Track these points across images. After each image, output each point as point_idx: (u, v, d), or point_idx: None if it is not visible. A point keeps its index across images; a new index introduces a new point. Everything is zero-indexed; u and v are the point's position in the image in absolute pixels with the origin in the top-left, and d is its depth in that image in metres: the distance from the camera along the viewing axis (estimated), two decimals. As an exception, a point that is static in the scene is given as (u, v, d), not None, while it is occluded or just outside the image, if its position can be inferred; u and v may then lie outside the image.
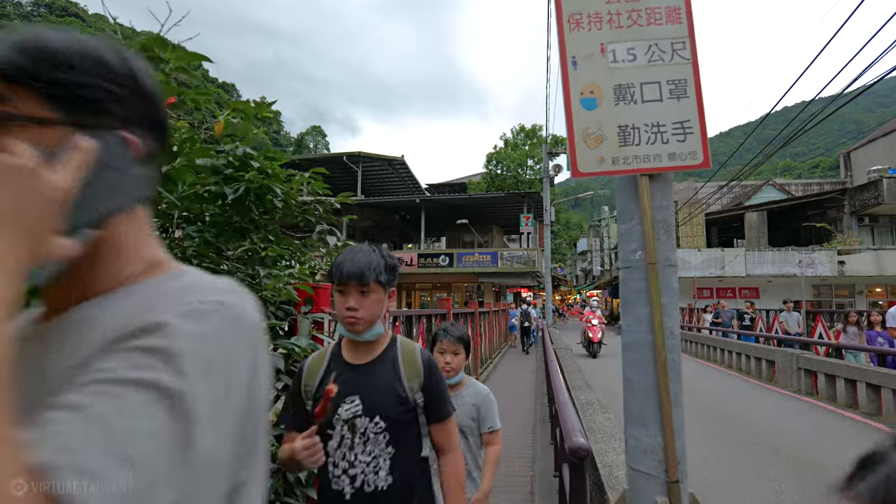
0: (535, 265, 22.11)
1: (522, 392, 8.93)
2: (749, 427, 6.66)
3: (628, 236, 1.55)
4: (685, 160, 1.50)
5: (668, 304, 1.48)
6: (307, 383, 1.52)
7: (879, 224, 25.25)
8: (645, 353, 1.49)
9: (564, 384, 4.63)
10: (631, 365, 1.52)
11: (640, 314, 1.50)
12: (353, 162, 26.61)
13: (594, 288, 53.47)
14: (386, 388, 1.46)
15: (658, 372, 1.45)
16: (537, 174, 33.41)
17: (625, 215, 1.57)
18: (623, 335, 1.57)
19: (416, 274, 24.13)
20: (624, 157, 1.52)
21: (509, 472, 4.63)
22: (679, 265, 23.34)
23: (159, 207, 2.20)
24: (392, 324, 4.29)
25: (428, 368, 1.53)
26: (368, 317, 1.45)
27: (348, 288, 1.45)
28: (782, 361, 9.31)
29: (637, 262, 1.52)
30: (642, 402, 1.48)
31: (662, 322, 1.46)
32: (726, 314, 14.52)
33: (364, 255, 1.47)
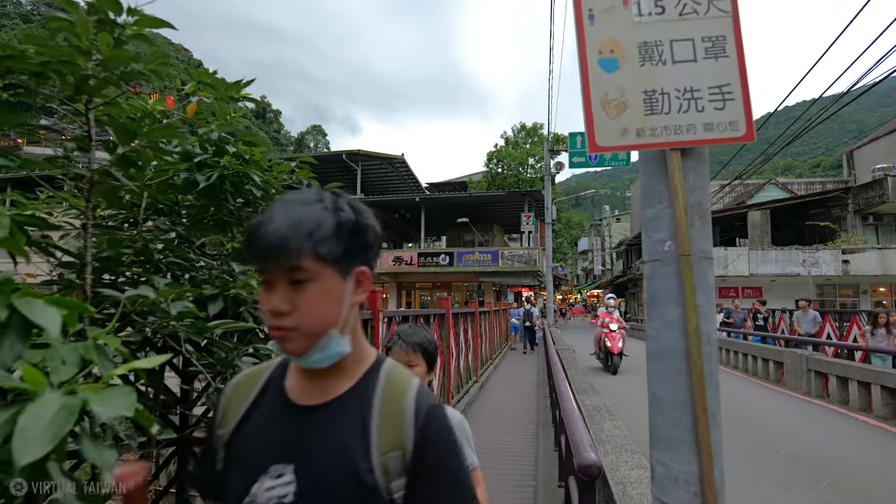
0: (536, 264, 21.87)
1: (523, 393, 8.69)
2: (760, 431, 6.42)
3: (655, 223, 1.30)
4: (724, 132, 1.25)
5: (704, 305, 1.24)
6: (222, 423, 0.90)
7: (884, 223, 24.97)
8: (676, 363, 1.24)
9: (570, 388, 4.39)
10: (658, 377, 1.28)
11: (670, 316, 1.26)
12: (352, 160, 26.37)
13: (595, 287, 53.25)
14: (340, 461, 0.79)
15: (693, 385, 1.21)
16: (538, 172, 33.14)
17: (651, 198, 1.32)
18: (649, 342, 1.32)
19: (417, 273, 23.91)
20: (651, 129, 1.27)
21: (511, 482, 4.39)
22: (682, 264, 23.29)
23: (119, 195, 1.96)
24: (387, 325, 4.06)
25: (423, 432, 0.81)
26: (308, 325, 0.78)
27: (270, 273, 0.79)
28: (791, 363, 9.05)
29: (666, 253, 1.27)
30: (673, 421, 1.24)
31: (698, 325, 1.21)
32: (738, 314, 13.73)
33: (293, 211, 0.78)
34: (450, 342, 6.53)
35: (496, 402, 8.04)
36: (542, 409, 7.31)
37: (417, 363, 1.79)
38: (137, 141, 1.79)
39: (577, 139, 16.98)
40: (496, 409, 7.43)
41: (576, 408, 3.53)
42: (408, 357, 1.78)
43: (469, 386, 8.49)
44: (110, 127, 1.76)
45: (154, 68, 1.71)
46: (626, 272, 35.44)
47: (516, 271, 22.21)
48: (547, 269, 20.26)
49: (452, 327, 6.96)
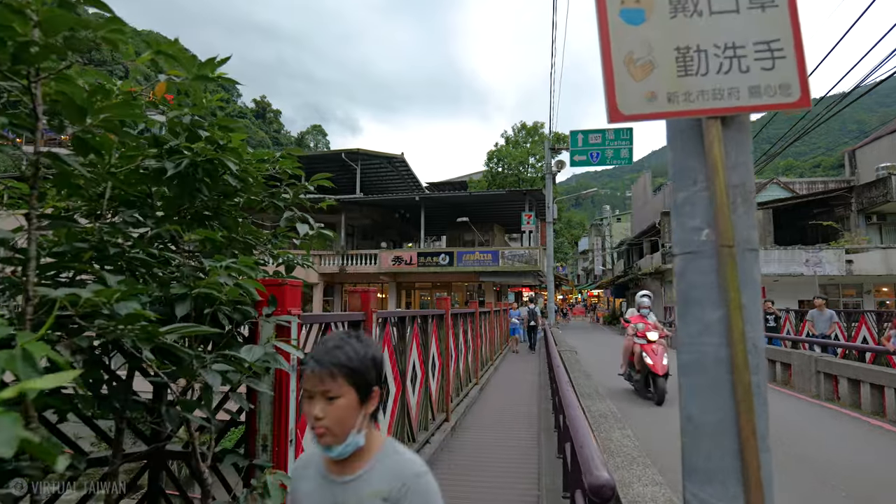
0: (537, 264, 21.65)
1: (524, 395, 8.47)
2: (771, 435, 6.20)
3: (689, 208, 1.09)
4: (774, 97, 1.04)
5: (750, 306, 1.03)
6: None
7: (887, 222, 24.75)
8: (716, 376, 1.03)
9: (574, 394, 4.17)
10: (694, 394, 1.06)
11: (708, 320, 1.04)
12: (351, 160, 26.17)
13: (596, 287, 53.03)
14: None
15: (738, 402, 0.99)
16: (539, 172, 32.90)
17: (683, 178, 1.10)
18: (682, 351, 1.10)
19: (416, 273, 23.68)
20: (685, 93, 1.06)
21: (513, 492, 4.17)
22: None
23: (75, 183, 1.75)
24: (381, 326, 3.84)
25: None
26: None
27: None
28: (799, 364, 8.81)
29: (702, 244, 1.06)
30: (713, 447, 1.02)
31: (744, 331, 1.00)
32: None
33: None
34: (448, 344, 6.32)
35: (496, 404, 7.82)
36: (543, 412, 7.09)
37: (340, 392, 1.10)
38: (91, 120, 1.58)
39: (578, 137, 16.78)
40: (496, 413, 7.21)
41: (582, 416, 3.31)
42: (324, 385, 1.10)
43: (469, 388, 8.28)
44: (59, 103, 1.55)
45: (106, 36, 1.49)
46: (627, 272, 35.21)
47: (517, 271, 21.98)
48: (548, 269, 20.03)
49: (452, 328, 6.75)
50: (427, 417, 5.25)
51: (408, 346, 4.56)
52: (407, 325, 4.65)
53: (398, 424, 4.31)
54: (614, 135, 16.47)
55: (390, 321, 4.11)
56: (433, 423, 5.51)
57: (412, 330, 4.77)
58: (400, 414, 4.32)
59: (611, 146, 16.57)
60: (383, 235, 30.50)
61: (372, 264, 24.22)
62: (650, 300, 9.05)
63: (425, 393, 5.23)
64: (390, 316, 4.11)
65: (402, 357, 4.43)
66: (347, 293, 3.51)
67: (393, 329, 4.27)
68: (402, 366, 4.36)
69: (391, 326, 4.12)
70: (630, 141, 16.49)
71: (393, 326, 4.37)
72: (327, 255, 25.13)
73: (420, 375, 5.02)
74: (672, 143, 1.14)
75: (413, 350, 4.78)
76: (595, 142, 16.61)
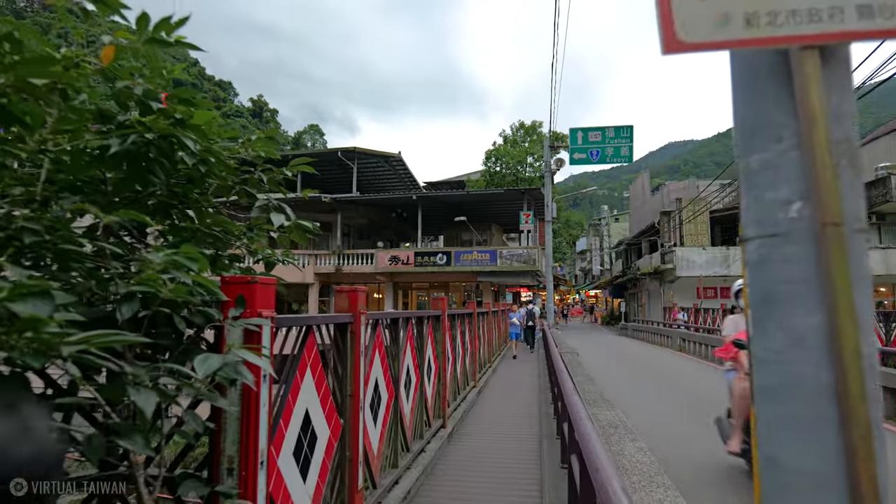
0: (536, 264, 21.37)
1: (524, 399, 8.19)
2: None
3: (770, 175, 0.80)
4: (892, 18, 0.75)
5: (863, 306, 0.73)
6: None
7: (887, 222, 24.60)
8: (814, 407, 0.74)
9: (581, 402, 3.89)
10: (779, 430, 0.77)
11: (801, 328, 0.75)
12: (348, 158, 25.85)
13: (594, 288, 52.80)
14: None
15: (852, 447, 0.70)
16: (537, 171, 32.65)
17: (759, 134, 0.81)
18: (758, 370, 0.81)
19: (413, 273, 23.39)
20: (769, 14, 0.77)
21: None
22: (684, 265, 22.61)
23: None
24: (372, 329, 3.55)
25: None
26: None
27: None
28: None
29: (792, 223, 0.77)
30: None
31: (858, 344, 0.71)
32: None
33: None
34: (445, 346, 6.02)
35: (495, 409, 7.53)
36: (545, 416, 6.80)
37: None
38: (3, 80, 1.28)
39: (577, 135, 16.52)
40: (495, 418, 6.92)
41: (594, 432, 3.04)
42: None
43: (467, 392, 7.98)
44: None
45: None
46: (626, 272, 34.97)
47: (515, 271, 21.70)
48: (547, 269, 19.76)
49: (449, 330, 6.45)
50: (422, 425, 4.95)
51: (401, 349, 4.27)
52: (400, 327, 4.36)
53: (391, 433, 4.02)
54: (614, 132, 16.21)
55: (382, 323, 3.81)
56: (429, 430, 5.21)
57: (406, 333, 4.47)
58: (393, 422, 4.03)
59: (611, 144, 16.31)
60: (380, 235, 30.19)
61: (368, 264, 23.91)
62: None
63: (420, 399, 4.93)
64: (382, 318, 3.81)
65: (395, 362, 4.14)
66: (335, 293, 3.07)
67: (385, 332, 3.98)
68: (394, 371, 4.07)
69: (383, 329, 3.83)
70: (630, 139, 16.24)
71: (385, 329, 4.08)
72: (323, 254, 24.82)
73: (415, 380, 4.72)
74: (741, 90, 0.84)
75: (407, 354, 4.48)
76: (595, 140, 16.35)
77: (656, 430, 5.76)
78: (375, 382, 3.56)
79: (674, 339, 17.57)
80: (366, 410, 3.32)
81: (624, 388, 8.79)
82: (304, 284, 25.00)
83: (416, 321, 5.07)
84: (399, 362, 4.20)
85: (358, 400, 2.94)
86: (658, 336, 20.07)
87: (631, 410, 5.44)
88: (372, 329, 3.56)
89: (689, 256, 23.38)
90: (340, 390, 2.86)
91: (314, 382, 2.51)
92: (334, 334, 2.87)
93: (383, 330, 3.78)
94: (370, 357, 3.43)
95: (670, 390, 8.58)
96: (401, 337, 4.31)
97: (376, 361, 3.57)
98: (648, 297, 29.48)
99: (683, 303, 22.96)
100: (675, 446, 5.26)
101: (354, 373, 2.92)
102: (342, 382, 2.88)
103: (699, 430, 5.81)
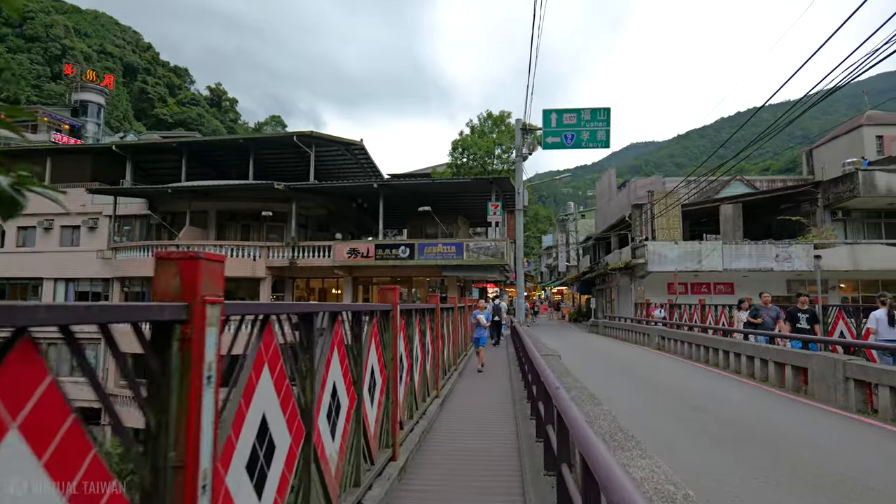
0: (504, 257, 20.12)
1: (498, 410, 6.84)
2: (817, 463, 4.77)
3: None
4: None
5: None
6: None
7: (852, 218, 24.58)
8: None
9: (596, 438, 2.51)
10: None
11: None
12: (305, 144, 23.92)
13: (561, 284, 52.32)
14: None
15: None
16: (506, 163, 31.50)
17: None
18: None
19: (374, 267, 21.79)
20: None
21: None
22: (656, 259, 21.84)
23: None
24: (259, 331, 2.06)
25: None
26: None
27: None
28: (820, 369, 7.52)
29: None
30: None
31: None
32: (768, 312, 10.41)
33: None
34: (397, 352, 4.55)
35: (463, 426, 6.13)
36: (526, 438, 5.45)
37: None
38: None
39: (551, 117, 15.31)
40: (463, 440, 5.54)
41: (602, 447, 1.70)
42: None
43: (427, 404, 6.56)
44: None
45: None
46: (594, 268, 34.31)
47: (482, 265, 20.41)
48: (518, 261, 18.54)
49: (402, 330, 5.00)
50: (358, 467, 3.47)
51: (320, 362, 2.78)
52: (320, 326, 2.87)
53: (298, 494, 2.54)
54: (590, 115, 15.09)
55: (275, 322, 2.29)
56: (370, 471, 3.75)
57: (332, 335, 2.99)
58: (301, 476, 2.54)
59: (587, 128, 15.18)
60: (340, 227, 28.35)
61: (325, 257, 22.17)
62: None
63: (357, 430, 3.45)
64: (277, 313, 2.31)
65: (309, 382, 2.64)
66: (159, 261, 1.94)
67: (290, 336, 2.48)
68: (305, 400, 2.57)
69: (275, 329, 2.30)
70: (607, 123, 15.16)
71: (295, 330, 2.59)
72: (276, 246, 22.92)
73: (347, 405, 3.25)
74: None
75: (334, 366, 3.01)
76: (570, 122, 15.20)
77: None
78: (263, 422, 2.08)
79: (651, 337, 16.60)
80: (238, 474, 1.85)
81: (622, 401, 7.51)
82: (254, 279, 23.02)
83: (354, 317, 3.59)
84: (317, 382, 2.71)
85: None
86: (633, 333, 19.13)
87: (654, 445, 4.07)
88: (259, 331, 2.07)
89: (661, 251, 22.67)
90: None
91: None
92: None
93: (276, 333, 2.26)
94: (246, 381, 1.95)
95: (691, 412, 7.28)
96: (320, 344, 2.83)
97: (262, 385, 2.08)
98: (618, 293, 28.80)
99: (655, 299, 22.23)
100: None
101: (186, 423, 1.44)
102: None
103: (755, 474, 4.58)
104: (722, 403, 7.55)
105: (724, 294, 23.48)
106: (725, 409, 7.17)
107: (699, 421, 6.59)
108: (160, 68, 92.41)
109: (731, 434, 5.95)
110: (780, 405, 7.47)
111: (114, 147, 26.06)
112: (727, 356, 10.89)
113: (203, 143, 27.63)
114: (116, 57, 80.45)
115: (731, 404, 7.49)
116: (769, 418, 6.64)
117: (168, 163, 27.13)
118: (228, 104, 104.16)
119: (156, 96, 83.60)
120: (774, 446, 5.41)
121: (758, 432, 5.99)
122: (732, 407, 7.30)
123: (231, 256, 22.61)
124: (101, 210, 25.75)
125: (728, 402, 7.62)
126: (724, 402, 7.60)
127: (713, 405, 7.41)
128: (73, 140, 45.22)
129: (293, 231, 23.27)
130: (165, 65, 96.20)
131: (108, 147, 26.42)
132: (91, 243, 25.77)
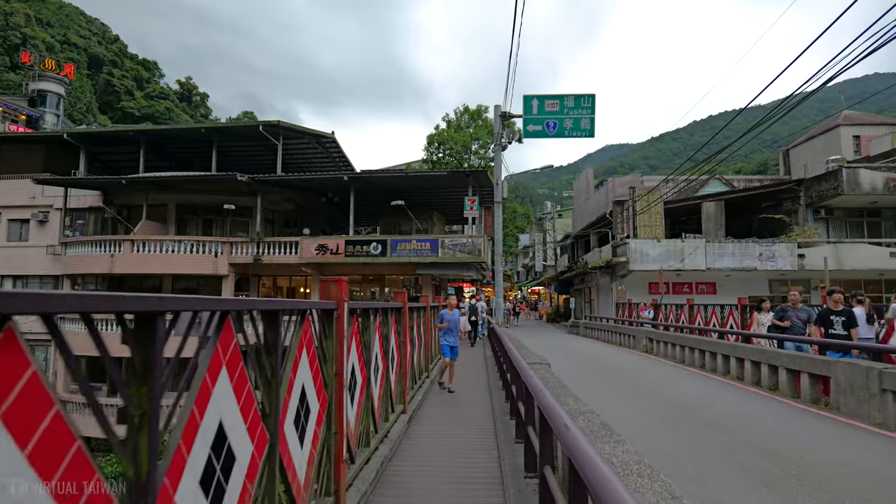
0: (481, 254, 19.07)
1: (477, 428, 5.75)
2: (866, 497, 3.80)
3: None
4: None
5: None
6: None
7: (834, 216, 24.31)
8: None
9: (612, 475, 1.41)
10: None
11: None
12: (272, 135, 22.45)
13: (538, 284, 51.67)
14: None
15: None
16: (483, 159, 30.51)
17: None
18: None
19: (344, 264, 20.47)
20: None
21: None
22: (637, 257, 21.05)
23: None
24: None
25: None
26: None
27: None
28: (848, 378, 6.58)
29: None
30: None
31: None
32: (798, 314, 8.96)
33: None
34: (344, 365, 3.39)
35: (433, 458, 4.99)
36: (512, 469, 4.36)
37: None
38: None
39: (532, 103, 14.31)
40: (436, 472, 4.41)
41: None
42: None
43: (391, 423, 5.40)
44: None
45: None
46: (573, 267, 33.60)
47: (458, 262, 19.31)
48: (497, 258, 17.50)
49: (356, 335, 3.84)
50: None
51: (217, 383, 1.63)
52: (228, 330, 1.71)
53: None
54: (574, 102, 14.14)
55: (160, 320, 1.14)
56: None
57: (216, 344, 1.82)
58: None
59: (570, 115, 14.23)
60: (310, 223, 26.87)
61: (292, 254, 20.78)
62: None
63: (270, 481, 2.28)
64: (163, 307, 1.15)
65: (205, 414, 1.48)
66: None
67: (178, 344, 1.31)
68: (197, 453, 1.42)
69: (160, 330, 1.15)
70: (592, 110, 14.23)
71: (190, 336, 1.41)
72: (240, 242, 21.41)
73: (251, 451, 2.08)
74: None
75: (240, 396, 1.85)
76: (552, 109, 14.22)
77: None
78: None
79: (638, 339, 15.72)
80: None
81: (631, 426, 6.40)
82: (216, 276, 21.47)
83: (266, 319, 2.41)
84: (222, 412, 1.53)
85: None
86: (616, 335, 18.26)
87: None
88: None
89: (643, 249, 21.97)
90: None
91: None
92: None
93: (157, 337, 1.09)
94: None
95: (699, 427, 6.25)
96: (221, 358, 1.65)
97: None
98: (598, 293, 28.09)
99: (637, 298, 21.48)
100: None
101: None
102: None
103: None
104: (748, 424, 6.46)
105: (707, 294, 22.92)
106: (750, 430, 6.14)
107: (723, 447, 5.57)
108: (128, 61, 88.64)
109: (773, 470, 4.89)
110: (809, 421, 6.45)
111: (65, 136, 24.05)
112: (727, 360, 9.93)
113: (162, 132, 25.82)
114: (81, 48, 76.67)
115: (758, 422, 6.45)
116: (799, 437, 5.67)
117: (126, 154, 25.27)
118: (199, 99, 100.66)
119: (122, 89, 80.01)
120: (828, 481, 4.43)
121: (803, 463, 4.94)
122: (759, 428, 6.26)
123: (191, 252, 21.03)
124: (52, 203, 23.78)
125: (752, 420, 6.59)
126: (751, 421, 6.55)
127: (736, 426, 6.36)
128: (30, 131, 42.47)
129: (259, 226, 21.78)
130: (134, 58, 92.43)
131: (60, 136, 24.38)
132: (41, 238, 23.78)
